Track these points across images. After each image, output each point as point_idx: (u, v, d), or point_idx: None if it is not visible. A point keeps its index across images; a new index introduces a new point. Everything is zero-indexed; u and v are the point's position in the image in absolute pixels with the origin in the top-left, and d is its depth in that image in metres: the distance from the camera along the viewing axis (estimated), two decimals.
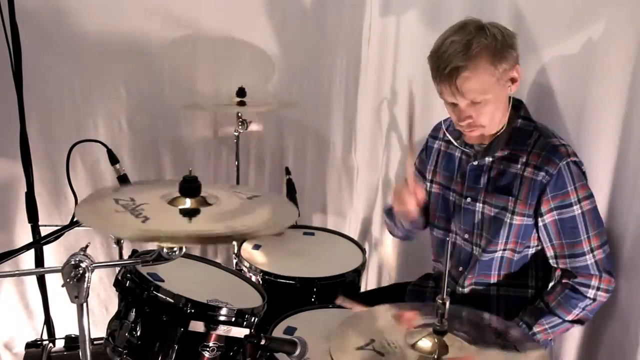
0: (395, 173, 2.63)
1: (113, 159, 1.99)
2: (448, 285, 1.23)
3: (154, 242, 1.23)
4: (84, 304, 1.19)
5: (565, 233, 1.63)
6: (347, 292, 1.94)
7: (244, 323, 1.47)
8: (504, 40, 1.58)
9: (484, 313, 1.42)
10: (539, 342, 1.66)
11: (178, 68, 2.48)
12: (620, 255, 1.69)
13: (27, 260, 2.25)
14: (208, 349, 1.45)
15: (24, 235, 2.27)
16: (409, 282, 2.09)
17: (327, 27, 2.57)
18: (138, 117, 2.49)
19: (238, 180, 2.51)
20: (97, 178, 2.46)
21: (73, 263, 1.17)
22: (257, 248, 2.16)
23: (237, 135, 2.41)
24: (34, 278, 2.27)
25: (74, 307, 1.19)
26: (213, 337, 1.45)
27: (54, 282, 2.14)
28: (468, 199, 1.78)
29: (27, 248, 1.42)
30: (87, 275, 1.17)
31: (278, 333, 1.69)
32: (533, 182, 1.64)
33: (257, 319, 1.51)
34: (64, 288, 1.18)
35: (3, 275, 1.31)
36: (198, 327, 1.43)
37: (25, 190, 2.10)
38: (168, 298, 1.44)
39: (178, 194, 1.29)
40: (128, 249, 1.88)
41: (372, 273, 2.74)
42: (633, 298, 1.67)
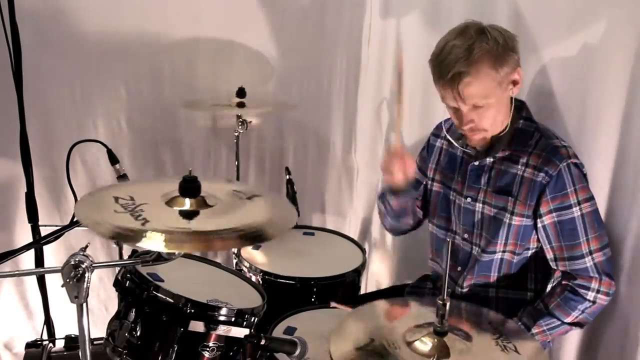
0: None
1: (113, 159, 1.99)
2: (447, 286, 1.23)
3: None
4: (84, 304, 1.19)
5: (565, 235, 1.62)
6: (347, 292, 1.94)
7: (244, 323, 1.47)
8: (505, 44, 1.57)
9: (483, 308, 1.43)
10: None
11: (178, 68, 2.47)
12: (621, 257, 1.68)
13: (27, 260, 2.25)
14: (208, 349, 1.45)
15: (24, 235, 2.27)
16: (407, 284, 2.09)
17: (327, 27, 2.57)
18: (138, 117, 2.49)
19: (238, 180, 2.51)
20: (97, 178, 2.45)
21: (73, 263, 1.17)
22: (257, 248, 2.16)
23: (237, 136, 2.41)
24: (34, 278, 2.27)
25: (74, 307, 1.20)
26: (213, 337, 1.45)
27: (54, 282, 2.14)
28: (468, 199, 1.78)
29: (27, 248, 1.41)
30: (87, 276, 1.17)
31: (278, 333, 1.69)
32: (533, 182, 1.63)
33: (257, 319, 1.51)
34: (64, 288, 1.18)
35: (3, 275, 1.31)
36: (198, 327, 1.43)
37: (25, 190, 2.10)
38: (168, 298, 1.44)
39: (177, 194, 1.29)
40: (128, 249, 1.89)
41: (371, 273, 2.74)
42: (633, 299, 1.66)
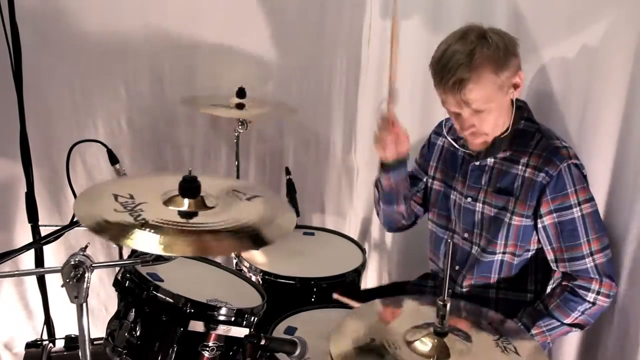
0: None
1: (113, 159, 1.99)
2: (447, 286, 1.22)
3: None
4: (84, 304, 1.19)
5: (565, 236, 1.62)
6: (347, 292, 1.93)
7: (244, 323, 1.47)
8: (507, 48, 1.57)
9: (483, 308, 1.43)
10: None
11: (178, 68, 2.47)
12: (621, 257, 1.68)
13: (27, 260, 2.25)
14: (208, 349, 1.45)
15: (24, 235, 2.27)
16: (409, 281, 2.09)
17: (327, 27, 2.56)
18: (138, 117, 2.48)
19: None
20: (97, 178, 2.45)
21: (73, 263, 1.17)
22: (257, 248, 2.16)
23: (237, 136, 2.41)
24: (34, 278, 2.27)
25: (74, 307, 1.20)
26: (213, 336, 1.45)
27: (54, 282, 2.14)
28: (468, 199, 1.78)
29: (27, 248, 1.41)
30: (86, 276, 1.17)
31: (278, 333, 1.69)
32: (533, 182, 1.63)
33: (256, 319, 1.51)
34: (64, 288, 1.18)
35: (3, 275, 1.31)
36: (198, 326, 1.43)
37: (25, 190, 2.09)
38: (167, 298, 1.44)
39: (177, 193, 1.29)
40: (128, 249, 1.88)
41: (371, 273, 2.74)
42: (633, 300, 1.66)
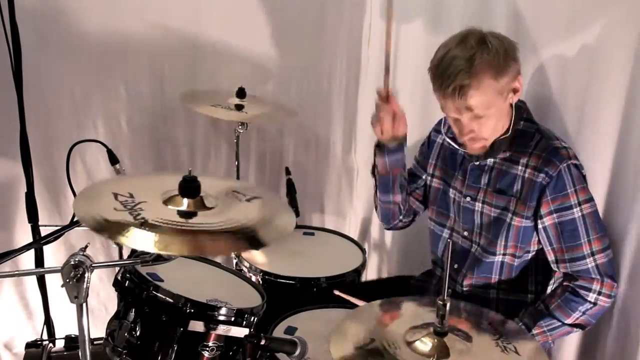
0: None
1: (113, 159, 2.00)
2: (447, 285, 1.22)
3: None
4: (84, 304, 1.19)
5: (565, 236, 1.62)
6: (347, 291, 1.93)
7: (244, 323, 1.47)
8: (507, 53, 1.57)
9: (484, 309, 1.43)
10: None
11: (178, 68, 2.47)
12: (621, 257, 1.68)
13: (27, 260, 2.25)
14: (208, 349, 1.45)
15: (24, 235, 2.27)
16: (413, 275, 2.09)
17: (327, 27, 2.56)
18: (138, 117, 2.48)
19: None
20: (97, 178, 2.45)
21: (73, 263, 1.17)
22: (255, 249, 2.16)
23: (237, 135, 2.41)
24: (34, 278, 2.27)
25: (74, 307, 1.20)
26: (212, 336, 1.45)
27: (54, 282, 2.14)
28: (468, 198, 1.78)
29: (27, 248, 1.41)
30: (86, 276, 1.17)
31: (278, 333, 1.69)
32: (533, 183, 1.63)
33: (256, 319, 1.51)
34: (64, 288, 1.18)
35: (3, 275, 1.32)
36: (197, 326, 1.43)
37: (25, 190, 2.09)
38: (167, 298, 1.44)
39: (177, 193, 1.29)
40: (128, 249, 1.88)
41: (371, 273, 2.74)
42: (634, 300, 1.66)
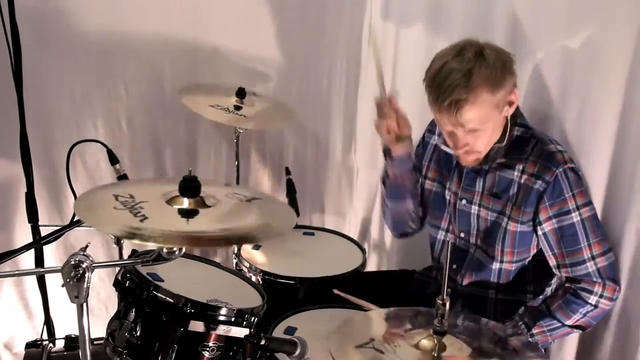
0: None
1: (113, 159, 2.00)
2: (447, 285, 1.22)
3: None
4: (84, 304, 1.19)
5: (566, 241, 1.62)
6: (346, 291, 1.93)
7: (244, 323, 1.47)
8: (504, 66, 1.56)
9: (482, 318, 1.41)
10: (537, 343, 1.65)
11: (178, 68, 2.47)
12: (620, 258, 1.67)
13: (27, 260, 2.25)
14: (208, 349, 1.45)
15: (24, 235, 2.27)
16: (415, 270, 2.08)
17: (327, 27, 2.57)
18: (138, 117, 2.48)
19: (238, 181, 2.51)
20: (97, 178, 2.45)
21: (73, 263, 1.17)
22: (257, 248, 2.16)
23: (237, 136, 2.41)
24: (34, 278, 2.27)
25: (74, 307, 1.19)
26: (213, 337, 1.45)
27: (54, 282, 2.14)
28: (463, 201, 1.78)
29: (27, 248, 1.42)
30: (87, 275, 1.17)
31: (278, 333, 1.69)
32: (530, 189, 1.63)
33: (256, 319, 1.51)
34: (64, 288, 1.18)
35: (3, 275, 1.31)
36: (198, 327, 1.43)
37: (25, 190, 2.10)
38: (168, 298, 1.44)
39: (178, 193, 1.29)
40: (128, 249, 1.88)
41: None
42: (633, 300, 1.66)
